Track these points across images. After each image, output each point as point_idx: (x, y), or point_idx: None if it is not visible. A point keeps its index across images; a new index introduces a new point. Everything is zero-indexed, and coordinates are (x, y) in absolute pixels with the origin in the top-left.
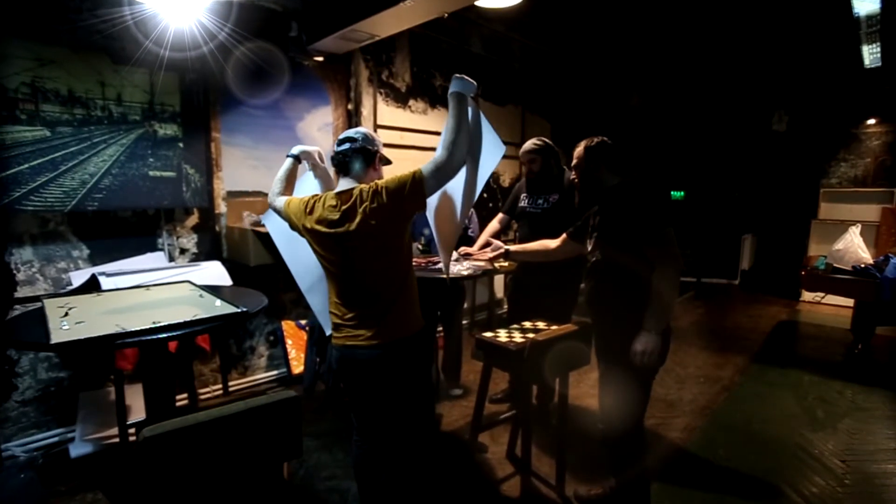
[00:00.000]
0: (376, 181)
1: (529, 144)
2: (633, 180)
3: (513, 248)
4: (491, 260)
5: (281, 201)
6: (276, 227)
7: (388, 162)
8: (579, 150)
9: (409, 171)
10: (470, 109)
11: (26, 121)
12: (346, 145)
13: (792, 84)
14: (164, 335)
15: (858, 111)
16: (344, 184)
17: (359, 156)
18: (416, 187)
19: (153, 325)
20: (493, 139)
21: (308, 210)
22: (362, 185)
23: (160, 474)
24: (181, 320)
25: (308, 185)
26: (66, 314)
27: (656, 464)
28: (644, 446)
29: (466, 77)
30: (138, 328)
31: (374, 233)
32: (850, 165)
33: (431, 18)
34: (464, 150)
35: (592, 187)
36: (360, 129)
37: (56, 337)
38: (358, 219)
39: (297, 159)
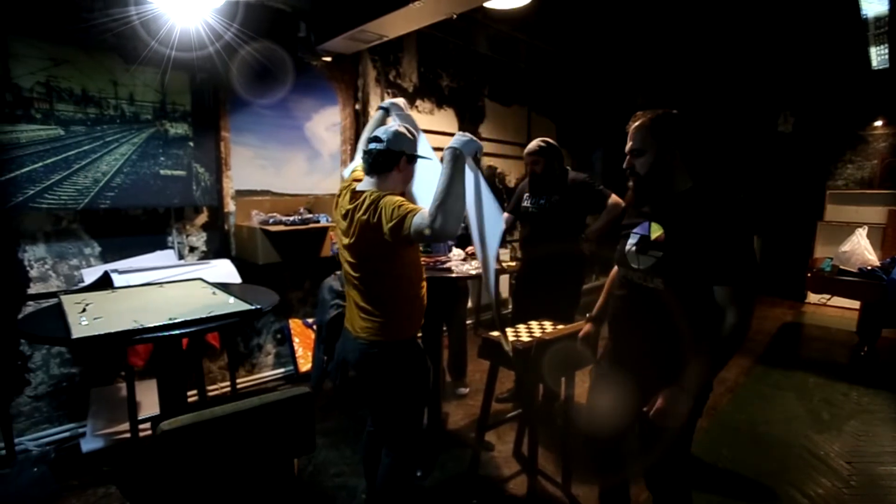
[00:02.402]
0: (383, 195)
1: (533, 145)
2: (712, 188)
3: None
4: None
5: (357, 160)
6: None
7: (422, 157)
8: (640, 123)
9: (407, 210)
10: (471, 174)
11: (41, 120)
12: (373, 145)
13: (798, 85)
14: (181, 331)
15: (865, 113)
16: (365, 182)
17: (380, 159)
18: (397, 230)
19: (170, 322)
20: (495, 209)
21: (339, 195)
22: (372, 191)
23: (176, 467)
24: (197, 317)
25: None
26: (84, 310)
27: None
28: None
29: (472, 135)
30: (156, 324)
31: (357, 243)
32: (857, 167)
33: (440, 19)
34: (452, 218)
35: (660, 185)
36: (390, 127)
37: (77, 332)
38: (352, 224)
39: (387, 111)
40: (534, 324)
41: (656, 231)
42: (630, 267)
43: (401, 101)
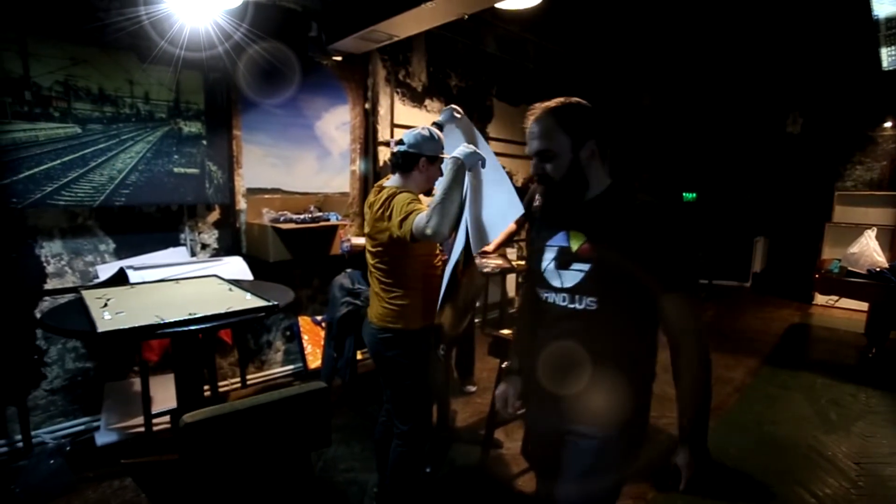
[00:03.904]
0: (399, 191)
1: None
2: (630, 184)
3: None
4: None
5: None
6: None
7: (445, 156)
8: (544, 119)
9: (413, 209)
10: (485, 172)
11: (59, 118)
12: (397, 147)
13: (807, 85)
14: (203, 326)
15: (875, 113)
16: (391, 180)
17: (402, 161)
18: (401, 227)
19: (192, 316)
20: (510, 198)
21: (371, 191)
22: (391, 187)
23: (198, 459)
24: (216, 312)
25: (452, 137)
26: (105, 305)
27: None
28: None
29: (478, 150)
30: (178, 319)
31: (372, 233)
32: (866, 168)
33: (452, 20)
34: (446, 221)
35: (577, 189)
36: (414, 130)
37: (101, 326)
38: (371, 217)
39: (441, 127)
40: None
41: (577, 241)
42: (550, 286)
43: (446, 112)
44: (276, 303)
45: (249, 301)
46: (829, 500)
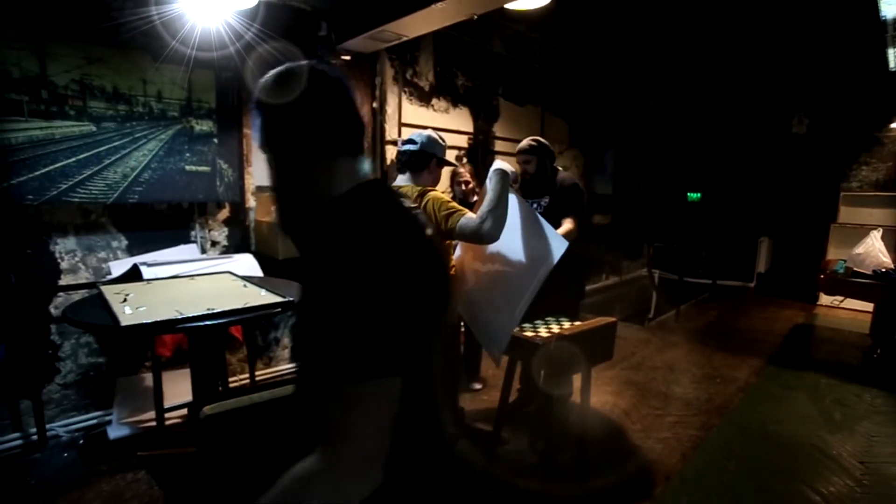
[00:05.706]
0: (428, 190)
1: (524, 144)
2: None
3: None
4: None
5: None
6: None
7: (448, 163)
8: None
9: (455, 209)
10: (520, 206)
11: (75, 116)
12: (408, 146)
13: (813, 86)
14: (222, 321)
15: (881, 114)
16: (400, 180)
17: (414, 159)
18: (444, 223)
19: (211, 312)
20: (552, 235)
21: None
22: (413, 186)
23: (217, 451)
24: (235, 307)
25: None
26: (125, 300)
27: (672, 460)
28: None
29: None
30: (198, 313)
31: None
32: (872, 169)
33: (461, 20)
34: (500, 224)
35: (286, 195)
36: (423, 132)
37: (125, 320)
38: None
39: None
40: (551, 319)
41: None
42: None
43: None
44: (291, 298)
45: (265, 297)
46: (833, 499)
